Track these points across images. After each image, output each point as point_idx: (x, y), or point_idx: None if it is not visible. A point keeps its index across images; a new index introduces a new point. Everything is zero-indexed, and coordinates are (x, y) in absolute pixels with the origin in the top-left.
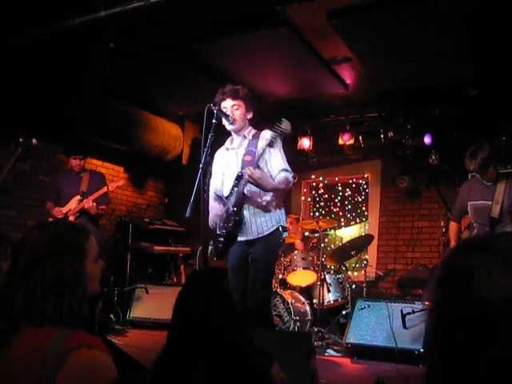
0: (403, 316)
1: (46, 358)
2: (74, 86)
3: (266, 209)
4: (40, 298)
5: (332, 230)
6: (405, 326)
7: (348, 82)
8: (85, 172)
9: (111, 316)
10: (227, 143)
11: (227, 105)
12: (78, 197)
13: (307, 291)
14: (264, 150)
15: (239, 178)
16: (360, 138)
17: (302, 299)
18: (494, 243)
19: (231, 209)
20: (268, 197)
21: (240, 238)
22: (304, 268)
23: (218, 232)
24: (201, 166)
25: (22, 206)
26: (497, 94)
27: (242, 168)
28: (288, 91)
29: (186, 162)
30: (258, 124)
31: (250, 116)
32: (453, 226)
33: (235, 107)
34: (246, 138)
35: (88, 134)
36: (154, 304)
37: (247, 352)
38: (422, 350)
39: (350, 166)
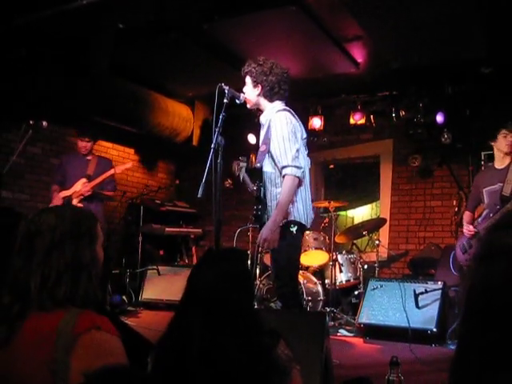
0: (416, 296)
1: (58, 340)
2: (83, 68)
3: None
4: (53, 282)
5: (344, 211)
6: (417, 306)
7: (359, 60)
8: (93, 156)
9: (123, 297)
10: None
11: None
12: (84, 180)
13: (319, 271)
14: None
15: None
16: (371, 117)
17: (314, 279)
18: None
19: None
20: (276, 190)
21: None
22: (316, 248)
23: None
24: (212, 146)
25: (33, 189)
26: (510, 72)
27: (257, 159)
28: (299, 71)
29: (196, 144)
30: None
31: (257, 91)
32: (467, 215)
33: (244, 86)
34: (263, 124)
35: (98, 116)
36: (166, 285)
37: (255, 332)
38: (434, 330)
39: (361, 145)
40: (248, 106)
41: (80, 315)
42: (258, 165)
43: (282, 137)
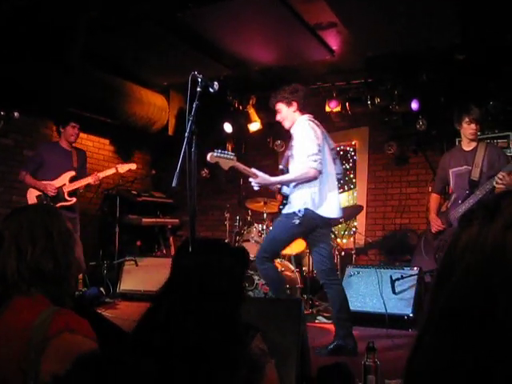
0: (392, 282)
1: (32, 340)
2: (56, 57)
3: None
4: (31, 253)
5: None
6: (394, 292)
7: (334, 47)
8: (71, 147)
9: (101, 289)
10: None
11: None
12: (73, 173)
13: (297, 259)
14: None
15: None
16: (347, 104)
17: (292, 267)
18: None
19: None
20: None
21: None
22: None
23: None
24: (186, 135)
25: (6, 182)
26: (484, 58)
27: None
28: (273, 58)
29: (172, 133)
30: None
31: (294, 108)
32: (433, 197)
33: (278, 113)
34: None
35: (72, 106)
36: (144, 276)
37: (232, 326)
38: (411, 315)
39: (337, 133)
40: (286, 127)
41: (56, 315)
42: (281, 166)
43: (301, 133)
